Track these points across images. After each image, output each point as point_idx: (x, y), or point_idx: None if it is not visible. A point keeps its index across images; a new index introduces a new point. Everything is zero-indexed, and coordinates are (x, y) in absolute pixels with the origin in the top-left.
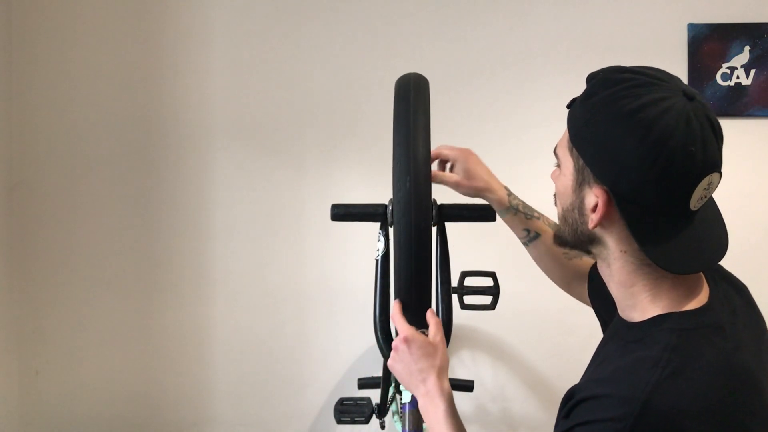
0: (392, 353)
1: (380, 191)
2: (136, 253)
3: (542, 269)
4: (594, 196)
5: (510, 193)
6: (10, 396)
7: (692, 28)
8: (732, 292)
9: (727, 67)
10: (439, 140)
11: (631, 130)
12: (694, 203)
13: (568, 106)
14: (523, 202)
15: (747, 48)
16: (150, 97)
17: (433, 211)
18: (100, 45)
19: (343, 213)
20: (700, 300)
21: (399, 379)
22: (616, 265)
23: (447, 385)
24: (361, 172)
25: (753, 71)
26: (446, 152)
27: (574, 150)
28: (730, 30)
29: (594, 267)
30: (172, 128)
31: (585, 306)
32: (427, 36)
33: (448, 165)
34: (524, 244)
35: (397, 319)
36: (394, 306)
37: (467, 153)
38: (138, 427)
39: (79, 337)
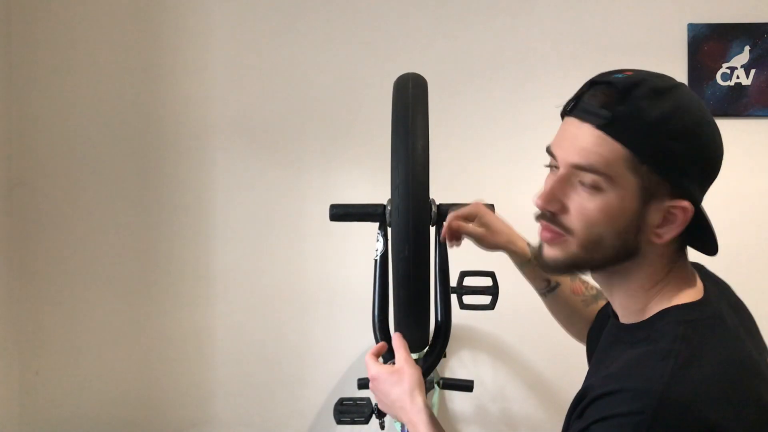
0: (374, 396)
1: (380, 191)
2: (137, 253)
3: (560, 321)
4: (664, 211)
5: (529, 244)
6: (10, 396)
7: (692, 28)
8: (720, 289)
9: (727, 67)
10: (439, 140)
11: (710, 135)
12: None
13: (606, 124)
14: None
15: (747, 48)
16: (150, 98)
17: (432, 211)
18: (100, 45)
19: (341, 213)
20: (696, 293)
21: (390, 415)
22: (644, 272)
23: (421, 400)
24: (360, 171)
25: (753, 71)
26: (464, 212)
27: (644, 168)
28: (730, 30)
29: (602, 311)
30: (172, 128)
31: None
32: (426, 35)
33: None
34: (543, 294)
35: (366, 360)
36: (371, 350)
37: (480, 207)
38: (138, 427)
39: (78, 338)
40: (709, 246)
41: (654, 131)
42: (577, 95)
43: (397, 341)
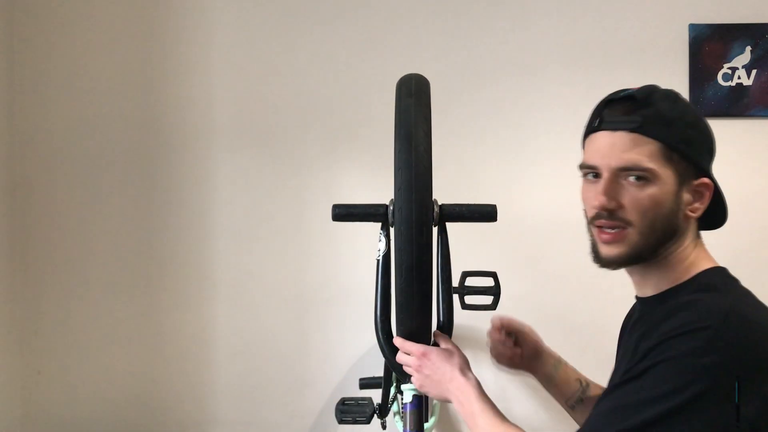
0: (416, 375)
1: (382, 191)
2: (138, 253)
3: None
4: (692, 190)
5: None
6: (12, 396)
7: (693, 28)
8: None
9: (729, 68)
10: (441, 140)
11: (705, 121)
12: None
13: (636, 127)
14: None
15: (748, 48)
16: (152, 98)
17: (434, 211)
18: (103, 46)
19: (344, 213)
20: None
21: (431, 394)
22: (680, 247)
23: (472, 375)
24: (362, 172)
25: (754, 71)
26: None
27: (674, 156)
28: (731, 30)
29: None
30: (175, 129)
31: (586, 306)
32: (428, 37)
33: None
34: (579, 400)
35: (407, 346)
36: (397, 340)
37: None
38: (139, 426)
39: (81, 338)
40: (720, 216)
41: (676, 124)
42: (597, 114)
43: (437, 333)
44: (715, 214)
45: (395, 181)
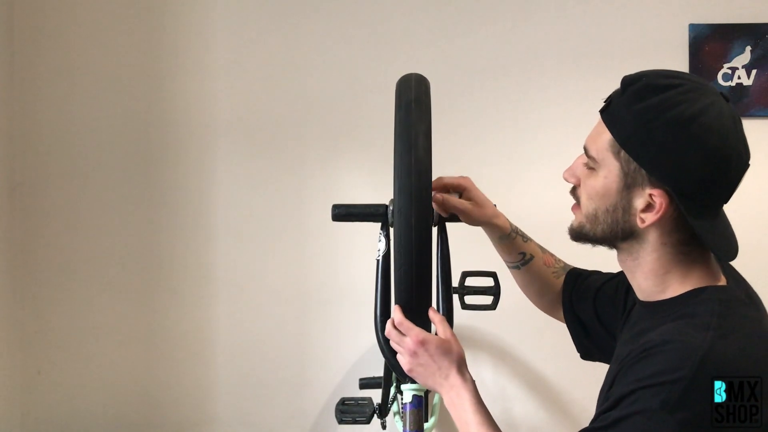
0: (408, 359)
1: (382, 191)
2: (138, 253)
3: (530, 294)
4: (647, 197)
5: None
6: (12, 396)
7: (693, 28)
8: (738, 283)
9: (729, 68)
10: (441, 141)
11: (694, 135)
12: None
13: (603, 110)
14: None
15: (748, 48)
16: (151, 98)
17: (434, 211)
18: (102, 46)
19: (344, 213)
20: (721, 280)
21: (420, 381)
22: (651, 256)
23: (469, 375)
24: (362, 172)
25: (754, 71)
26: (449, 181)
27: (622, 153)
28: (731, 30)
29: (568, 279)
30: (174, 129)
31: None
32: (428, 36)
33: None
34: (516, 267)
35: (405, 325)
36: (396, 311)
37: (469, 181)
38: (139, 426)
39: (81, 337)
40: (722, 250)
41: (634, 121)
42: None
43: (437, 316)
44: (717, 245)
45: (395, 181)
